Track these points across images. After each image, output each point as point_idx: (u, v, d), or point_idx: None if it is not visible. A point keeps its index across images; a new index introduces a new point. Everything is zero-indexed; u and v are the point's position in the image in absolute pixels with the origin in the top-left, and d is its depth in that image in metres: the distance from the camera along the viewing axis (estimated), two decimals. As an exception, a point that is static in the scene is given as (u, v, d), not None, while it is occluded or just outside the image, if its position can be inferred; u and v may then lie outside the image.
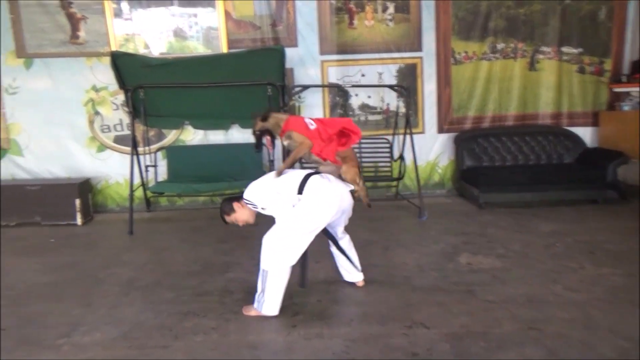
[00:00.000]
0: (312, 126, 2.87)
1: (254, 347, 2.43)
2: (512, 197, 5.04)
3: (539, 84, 5.71)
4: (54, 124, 5.21)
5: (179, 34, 5.22)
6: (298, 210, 2.65)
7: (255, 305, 2.71)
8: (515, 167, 5.44)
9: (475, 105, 5.69)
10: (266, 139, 2.96)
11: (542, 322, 2.55)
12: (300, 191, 2.68)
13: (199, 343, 2.47)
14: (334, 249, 3.02)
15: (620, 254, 3.50)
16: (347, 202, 2.84)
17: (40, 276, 3.52)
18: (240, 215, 2.83)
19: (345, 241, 3.03)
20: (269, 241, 2.64)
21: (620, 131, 5.37)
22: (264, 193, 2.74)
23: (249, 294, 2.77)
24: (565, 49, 5.65)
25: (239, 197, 2.86)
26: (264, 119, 2.94)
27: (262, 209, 2.73)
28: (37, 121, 5.19)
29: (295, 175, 2.78)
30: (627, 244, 3.72)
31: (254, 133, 2.99)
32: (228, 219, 2.88)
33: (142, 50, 5.16)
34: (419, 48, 5.51)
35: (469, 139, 5.57)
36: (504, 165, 5.50)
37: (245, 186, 2.82)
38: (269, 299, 2.67)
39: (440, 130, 5.68)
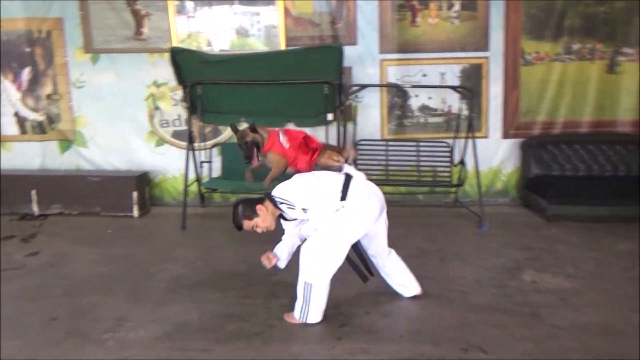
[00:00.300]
0: (287, 145, 2.87)
1: (297, 358, 2.32)
2: (584, 211, 4.62)
3: (618, 88, 5.22)
4: (117, 118, 5.35)
5: (241, 32, 5.22)
6: (343, 218, 2.51)
7: (299, 317, 2.60)
8: (588, 178, 5.00)
9: (545, 110, 5.29)
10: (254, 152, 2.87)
11: (617, 355, 2.27)
12: (343, 197, 2.53)
13: (240, 349, 2.39)
14: (382, 271, 2.87)
15: None
16: (382, 197, 2.71)
17: (96, 267, 3.60)
18: (264, 220, 2.56)
19: (393, 258, 2.85)
20: (310, 252, 2.50)
21: None
22: (308, 193, 2.56)
23: (295, 299, 2.67)
24: (651, 50, 5.15)
25: (261, 199, 2.62)
26: (254, 130, 2.86)
27: (303, 209, 2.54)
28: (102, 114, 5.35)
29: (336, 178, 2.64)
30: None
31: (245, 143, 2.89)
32: (247, 224, 2.59)
33: (204, 48, 5.20)
34: (485, 48, 5.19)
35: (537, 146, 5.19)
36: (576, 176, 5.06)
37: None
38: (313, 309, 2.56)
39: (506, 135, 5.33)
